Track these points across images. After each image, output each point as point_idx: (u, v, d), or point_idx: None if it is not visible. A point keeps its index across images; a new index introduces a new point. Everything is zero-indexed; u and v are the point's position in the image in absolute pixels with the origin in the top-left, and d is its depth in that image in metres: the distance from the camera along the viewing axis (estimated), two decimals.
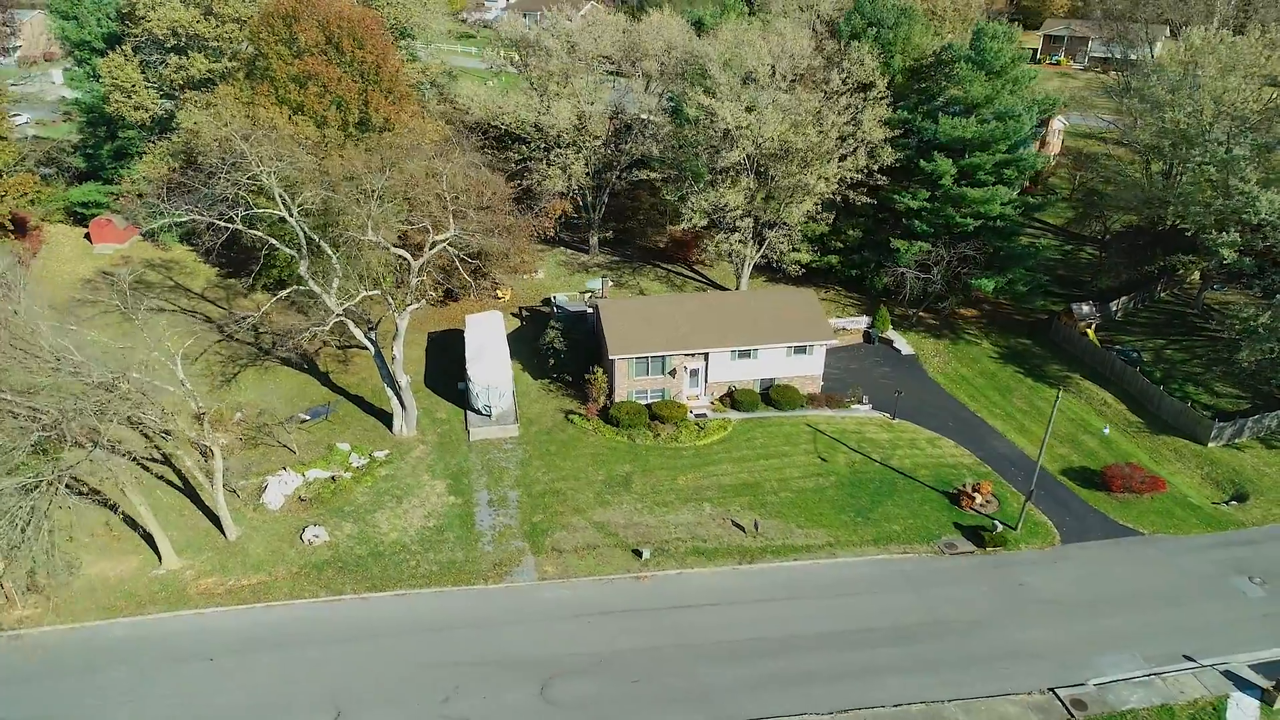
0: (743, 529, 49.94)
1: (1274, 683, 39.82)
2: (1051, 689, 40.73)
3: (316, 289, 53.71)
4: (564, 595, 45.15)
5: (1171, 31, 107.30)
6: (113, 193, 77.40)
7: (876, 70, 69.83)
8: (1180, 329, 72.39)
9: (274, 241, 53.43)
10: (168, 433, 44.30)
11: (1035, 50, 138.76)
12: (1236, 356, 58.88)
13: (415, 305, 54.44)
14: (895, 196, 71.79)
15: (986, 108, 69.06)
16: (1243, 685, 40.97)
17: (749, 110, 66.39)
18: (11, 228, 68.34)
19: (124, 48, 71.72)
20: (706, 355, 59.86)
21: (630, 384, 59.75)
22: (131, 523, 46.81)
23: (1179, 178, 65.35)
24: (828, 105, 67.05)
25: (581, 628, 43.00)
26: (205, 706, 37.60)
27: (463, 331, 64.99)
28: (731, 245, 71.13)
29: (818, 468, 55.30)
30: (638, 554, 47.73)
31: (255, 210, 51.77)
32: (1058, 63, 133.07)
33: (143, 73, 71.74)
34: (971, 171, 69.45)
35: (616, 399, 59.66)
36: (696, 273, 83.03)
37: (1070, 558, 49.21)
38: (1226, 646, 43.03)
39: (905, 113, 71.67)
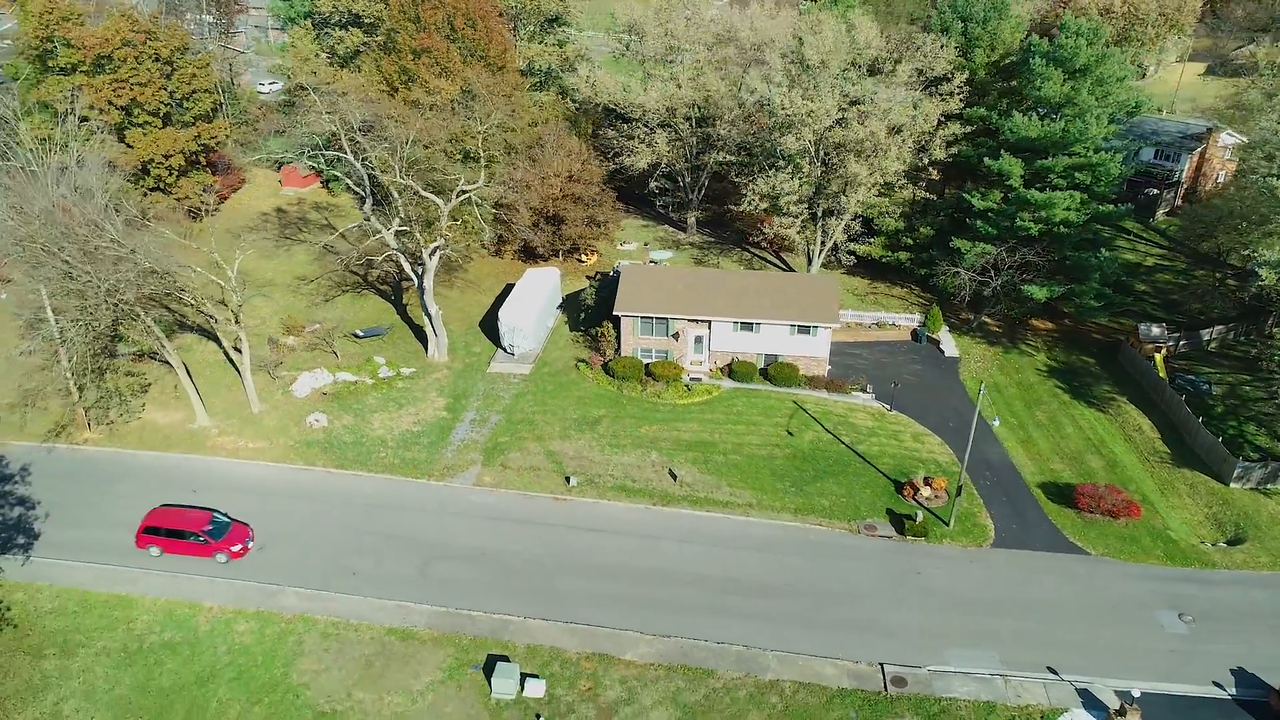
0: (674, 477, 53.32)
1: (1119, 707, 37.54)
2: (881, 663, 41.05)
3: (379, 226, 63.59)
4: (486, 500, 51.35)
5: None
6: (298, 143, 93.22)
7: (952, 64, 68.61)
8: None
9: (347, 181, 63.98)
10: (211, 316, 55.37)
11: None
12: (1274, 391, 52.77)
13: (439, 243, 62.47)
14: (966, 195, 70.09)
15: (1069, 109, 65.63)
16: (1093, 705, 38.89)
17: (806, 98, 67.99)
18: (204, 163, 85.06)
19: (306, 22, 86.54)
20: (709, 323, 63.03)
21: (636, 341, 64.31)
22: (195, 389, 58.75)
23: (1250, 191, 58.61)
24: (886, 97, 67.10)
25: (484, 527, 48.98)
26: None
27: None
28: (783, 229, 73.01)
29: (781, 440, 56.99)
30: (568, 480, 52.80)
31: (330, 153, 62.31)
32: None
33: (319, 44, 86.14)
34: (1044, 174, 66.31)
35: (623, 354, 64.51)
36: (781, 260, 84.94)
37: (990, 560, 47.86)
38: (1105, 669, 40.79)
39: (984, 110, 69.64)
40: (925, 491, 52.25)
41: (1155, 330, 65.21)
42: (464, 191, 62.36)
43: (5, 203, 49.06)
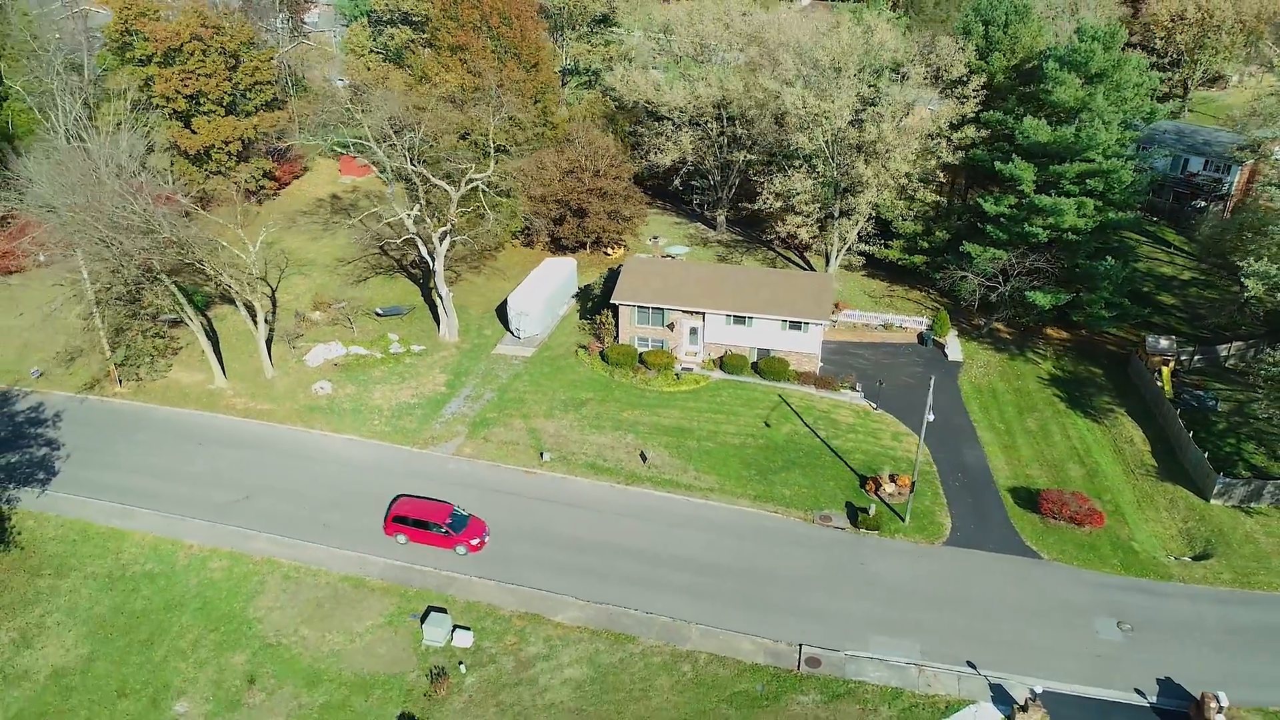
0: (644, 459, 55.23)
1: (1022, 703, 37.75)
2: (801, 644, 42.12)
3: (399, 210, 67.59)
4: (460, 468, 54.38)
5: None
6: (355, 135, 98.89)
7: (969, 67, 68.32)
8: None
9: (374, 168, 68.25)
10: (229, 285, 60.11)
11: None
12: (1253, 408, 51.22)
13: (447, 228, 65.89)
14: (980, 200, 69.68)
15: (1085, 114, 64.56)
16: (1002, 700, 39.10)
17: (819, 98, 68.79)
18: (265, 150, 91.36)
19: (364, 19, 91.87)
20: (703, 315, 64.62)
21: (634, 330, 66.40)
22: (218, 355, 63.70)
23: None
24: (892, 99, 67.35)
25: (454, 493, 51.73)
26: (176, 467, 53.07)
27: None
28: (795, 228, 73.91)
29: (757, 430, 58.17)
30: (541, 455, 55.37)
31: (355, 140, 66.75)
32: None
33: (373, 40, 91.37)
34: (1056, 180, 65.42)
35: (620, 341, 66.71)
36: (805, 260, 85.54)
37: (939, 557, 48.13)
38: (1027, 668, 40.83)
39: (1000, 114, 68.99)
40: (889, 488, 52.69)
41: (1163, 343, 63.45)
42: (472, 180, 65.69)
43: (52, 177, 54.74)
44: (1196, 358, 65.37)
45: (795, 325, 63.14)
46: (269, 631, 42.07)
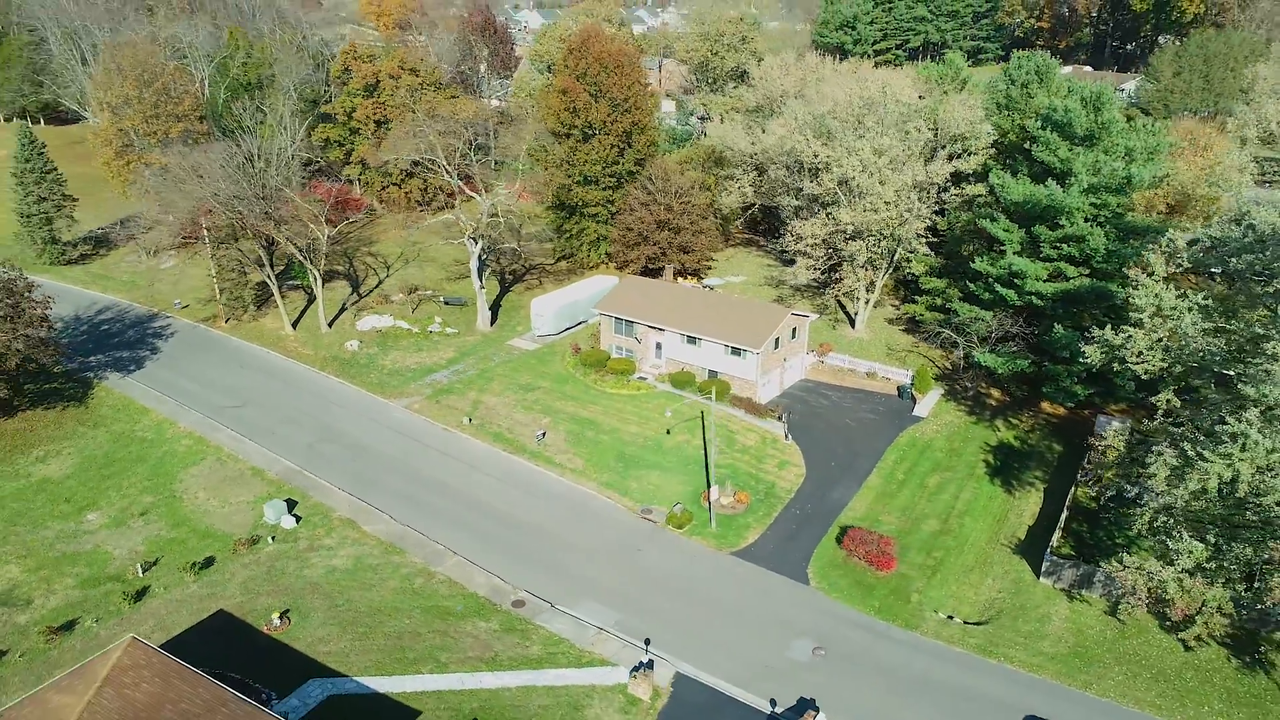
0: (539, 438, 63.17)
1: (638, 671, 41.08)
2: (526, 590, 48.15)
3: (463, 217, 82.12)
4: (399, 417, 66.24)
5: None
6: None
7: (978, 123, 67.74)
8: None
9: (455, 182, 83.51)
10: (296, 255, 77.67)
11: None
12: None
13: (474, 230, 78.53)
14: (976, 259, 68.25)
15: (1079, 177, 61.60)
16: (639, 667, 42.36)
17: (826, 145, 72.09)
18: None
19: (530, 68, 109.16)
20: (662, 332, 70.75)
21: (612, 339, 74.16)
22: (302, 309, 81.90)
23: None
24: (888, 154, 68.77)
25: (380, 432, 63.92)
26: (216, 378, 70.92)
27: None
28: (797, 273, 76.85)
29: (656, 434, 63.37)
30: (467, 420, 65.56)
31: (428, 156, 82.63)
32: None
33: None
34: (1036, 242, 62.91)
35: (601, 348, 74.77)
36: (848, 311, 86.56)
37: (714, 561, 51.06)
38: (694, 658, 43.50)
39: (998, 173, 67.21)
40: (725, 500, 55.73)
41: (1115, 424, 57.99)
42: (498, 192, 78.08)
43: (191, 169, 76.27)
44: None
45: (736, 351, 67.12)
46: (179, 490, 56.90)
